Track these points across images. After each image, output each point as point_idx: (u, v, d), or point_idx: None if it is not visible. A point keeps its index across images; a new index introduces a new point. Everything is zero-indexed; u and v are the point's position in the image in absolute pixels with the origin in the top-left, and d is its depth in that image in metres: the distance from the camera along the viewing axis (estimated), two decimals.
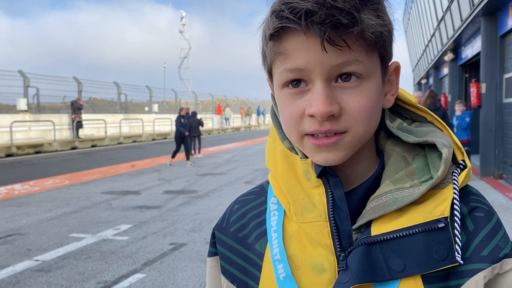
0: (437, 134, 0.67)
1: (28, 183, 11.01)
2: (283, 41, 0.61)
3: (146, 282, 4.42)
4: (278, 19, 0.60)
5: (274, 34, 0.61)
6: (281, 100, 0.66)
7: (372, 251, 0.62)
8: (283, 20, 0.59)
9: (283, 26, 0.60)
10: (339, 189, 0.66)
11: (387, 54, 0.65)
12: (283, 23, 0.59)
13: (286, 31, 0.61)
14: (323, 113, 0.59)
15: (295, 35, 0.60)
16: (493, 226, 0.64)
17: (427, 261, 0.60)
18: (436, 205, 0.62)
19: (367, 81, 0.62)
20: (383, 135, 0.73)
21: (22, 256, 5.29)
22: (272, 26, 0.61)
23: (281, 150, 0.73)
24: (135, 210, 7.68)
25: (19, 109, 20.05)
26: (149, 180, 11.26)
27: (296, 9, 0.58)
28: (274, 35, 0.62)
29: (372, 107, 0.63)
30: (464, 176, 0.65)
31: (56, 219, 7.14)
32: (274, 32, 0.61)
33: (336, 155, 0.63)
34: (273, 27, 0.61)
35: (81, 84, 24.28)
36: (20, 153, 18.39)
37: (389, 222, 0.63)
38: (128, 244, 5.68)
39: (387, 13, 0.64)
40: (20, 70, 20.79)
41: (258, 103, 55.20)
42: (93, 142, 22.94)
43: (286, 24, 0.59)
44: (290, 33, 0.60)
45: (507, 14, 9.02)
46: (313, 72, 0.60)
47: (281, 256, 0.68)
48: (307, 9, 0.57)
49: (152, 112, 31.10)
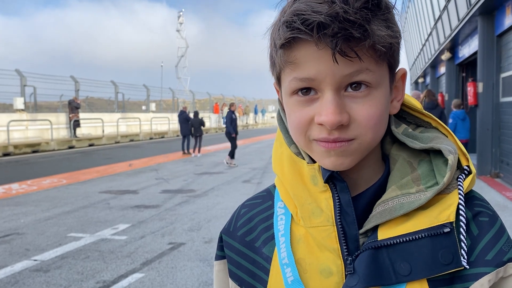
0: (442, 140, 0.68)
1: (26, 182, 10.99)
2: (293, 50, 0.62)
3: (145, 281, 4.42)
4: (289, 30, 0.60)
5: (285, 44, 0.62)
6: (290, 107, 0.66)
7: (379, 255, 0.63)
8: (294, 31, 0.59)
9: (294, 37, 0.60)
10: (346, 194, 0.67)
11: (395, 63, 0.66)
12: (294, 33, 0.59)
13: (297, 40, 0.61)
14: (333, 122, 0.60)
15: (306, 45, 0.60)
16: (497, 230, 0.65)
17: (432, 265, 0.61)
18: (441, 210, 0.63)
19: (376, 90, 0.63)
20: (389, 140, 0.74)
21: (20, 256, 5.28)
22: (284, 36, 0.61)
23: (287, 155, 0.73)
24: (133, 209, 7.68)
25: (16, 108, 19.99)
26: (146, 179, 11.26)
27: (308, 21, 0.58)
28: (285, 44, 0.62)
29: (381, 115, 0.64)
30: (469, 182, 0.66)
31: (54, 218, 7.13)
32: (285, 42, 0.61)
33: (344, 160, 0.64)
34: (284, 37, 0.61)
35: (78, 83, 24.22)
36: (17, 152, 18.34)
37: (396, 226, 0.64)
38: (127, 244, 5.68)
39: (396, 22, 0.64)
40: (17, 69, 20.73)
41: (256, 102, 55.23)
42: (91, 141, 22.89)
43: (297, 35, 0.59)
44: (301, 43, 0.61)
45: (503, 13, 9.05)
46: (324, 82, 0.61)
47: (289, 260, 0.69)
48: (319, 22, 0.57)
49: (150, 111, 31.06)
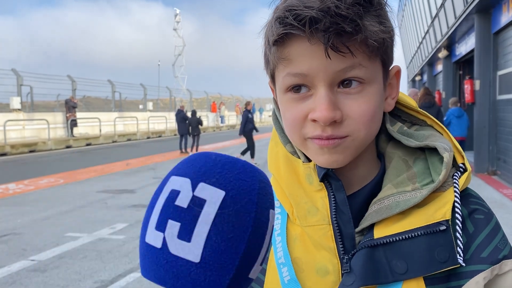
0: (437, 138, 0.69)
1: (23, 182, 10.95)
2: (286, 47, 0.62)
3: (143, 281, 4.41)
4: (282, 26, 0.60)
5: (278, 40, 0.62)
6: (284, 104, 0.67)
7: (375, 253, 0.63)
8: (287, 26, 0.60)
9: (287, 33, 0.60)
10: (341, 192, 0.67)
11: (388, 59, 0.66)
12: (287, 29, 0.60)
13: (289, 37, 0.61)
14: (326, 118, 0.60)
15: (298, 41, 0.61)
16: (492, 228, 0.65)
17: (429, 263, 0.61)
18: (437, 208, 0.63)
19: (370, 86, 0.63)
20: (384, 138, 0.74)
21: (17, 256, 5.27)
22: (276, 32, 0.61)
23: (283, 154, 0.73)
24: (130, 208, 7.67)
25: (12, 107, 19.91)
26: (144, 178, 11.24)
27: (300, 16, 0.58)
28: (278, 41, 0.62)
29: (374, 111, 0.64)
30: (465, 179, 0.66)
31: (52, 218, 7.11)
32: (278, 38, 0.61)
33: (338, 157, 0.64)
34: (277, 33, 0.61)
35: (75, 82, 24.15)
36: (14, 152, 18.28)
37: (392, 225, 0.64)
38: (125, 243, 5.67)
39: (389, 19, 0.64)
40: (13, 68, 20.66)
41: (253, 101, 55.20)
42: (88, 141, 22.84)
43: (290, 31, 0.60)
44: (294, 39, 0.61)
45: (500, 11, 9.07)
46: (317, 78, 0.61)
47: (286, 259, 0.69)
48: (311, 17, 0.57)
49: (147, 110, 31.00)
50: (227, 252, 0.37)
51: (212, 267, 0.36)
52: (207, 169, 0.40)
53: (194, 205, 0.38)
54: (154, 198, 0.42)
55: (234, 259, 0.37)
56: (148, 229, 0.40)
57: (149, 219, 0.40)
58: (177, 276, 0.37)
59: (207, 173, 0.39)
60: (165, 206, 0.39)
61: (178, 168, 0.43)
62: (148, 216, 0.40)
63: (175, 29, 62.88)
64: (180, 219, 0.38)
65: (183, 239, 0.37)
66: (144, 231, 0.41)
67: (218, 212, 0.37)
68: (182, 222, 0.38)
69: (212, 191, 0.38)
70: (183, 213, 0.38)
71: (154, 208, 0.40)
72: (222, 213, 0.37)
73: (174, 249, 0.37)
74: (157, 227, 0.39)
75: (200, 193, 0.38)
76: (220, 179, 0.39)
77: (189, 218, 0.38)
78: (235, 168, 0.40)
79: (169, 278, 0.37)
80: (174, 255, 0.37)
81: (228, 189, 0.38)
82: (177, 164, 0.44)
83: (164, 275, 0.38)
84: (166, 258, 0.38)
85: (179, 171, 0.42)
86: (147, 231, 0.40)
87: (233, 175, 0.39)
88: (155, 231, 0.39)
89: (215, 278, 0.36)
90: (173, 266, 0.37)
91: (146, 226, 0.40)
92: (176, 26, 62.77)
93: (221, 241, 0.37)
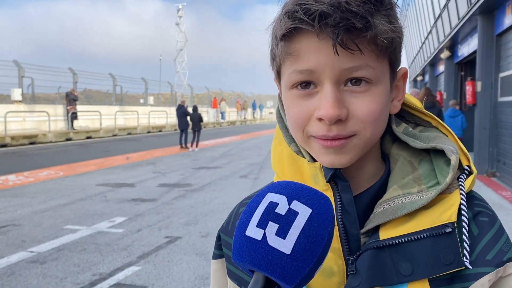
0: (443, 140, 0.69)
1: (23, 174, 10.96)
2: (294, 42, 0.61)
3: (141, 274, 4.43)
4: (291, 20, 0.60)
5: (286, 34, 0.61)
6: (289, 101, 0.66)
7: (381, 255, 0.63)
8: (296, 21, 0.59)
9: (295, 27, 0.60)
10: (348, 193, 0.67)
11: (396, 60, 0.66)
12: (296, 24, 0.59)
13: (298, 32, 0.60)
14: (331, 116, 0.60)
15: (307, 36, 0.60)
16: (497, 230, 0.65)
17: (434, 265, 0.61)
18: (443, 210, 0.63)
19: (376, 86, 0.63)
20: (389, 139, 0.74)
21: (16, 248, 5.28)
22: (285, 26, 0.61)
23: (287, 153, 0.73)
24: (130, 202, 7.68)
25: (13, 99, 19.90)
26: (144, 172, 11.25)
27: (310, 11, 0.58)
28: (286, 35, 0.61)
29: (380, 111, 0.64)
30: (470, 182, 0.66)
31: (51, 210, 7.13)
32: (286, 32, 0.61)
33: (343, 158, 0.64)
34: (286, 27, 0.60)
35: (76, 75, 24.13)
36: (15, 143, 18.29)
37: (397, 226, 0.64)
38: (123, 237, 5.68)
39: (398, 19, 0.64)
40: (15, 60, 20.62)
41: (254, 97, 55.14)
42: (88, 134, 22.84)
43: (299, 25, 0.59)
44: (302, 34, 0.60)
45: (504, 13, 9.04)
46: (323, 74, 0.61)
47: None
48: (321, 11, 0.57)
49: (148, 104, 30.98)
50: (310, 251, 0.49)
51: (298, 259, 0.49)
52: (299, 191, 0.53)
53: (290, 214, 0.50)
54: (253, 205, 0.53)
55: (313, 257, 0.49)
56: (249, 225, 0.51)
57: (250, 219, 0.52)
58: (271, 262, 0.49)
59: (299, 194, 0.52)
60: (266, 211, 0.51)
61: (273, 187, 0.54)
62: (249, 217, 0.52)
63: (178, 24, 62.71)
64: (278, 221, 0.50)
65: (279, 236, 0.49)
66: (244, 227, 0.52)
67: (306, 222, 0.50)
68: (280, 224, 0.50)
69: (303, 207, 0.51)
70: (281, 218, 0.50)
71: (254, 211, 0.52)
72: (309, 223, 0.50)
73: (272, 242, 0.49)
74: (258, 225, 0.51)
75: (294, 207, 0.51)
76: (309, 200, 0.52)
77: (286, 222, 0.50)
78: (317, 195, 0.53)
79: (264, 263, 0.49)
80: (272, 246, 0.49)
81: (314, 208, 0.51)
82: (271, 184, 0.56)
83: (260, 260, 0.49)
84: (265, 248, 0.49)
85: (274, 189, 0.54)
86: (248, 227, 0.51)
87: (317, 199, 0.52)
88: (256, 227, 0.51)
89: (299, 268, 0.48)
90: (269, 254, 0.49)
91: (247, 223, 0.52)
92: (178, 21, 62.61)
93: (306, 242, 0.49)
